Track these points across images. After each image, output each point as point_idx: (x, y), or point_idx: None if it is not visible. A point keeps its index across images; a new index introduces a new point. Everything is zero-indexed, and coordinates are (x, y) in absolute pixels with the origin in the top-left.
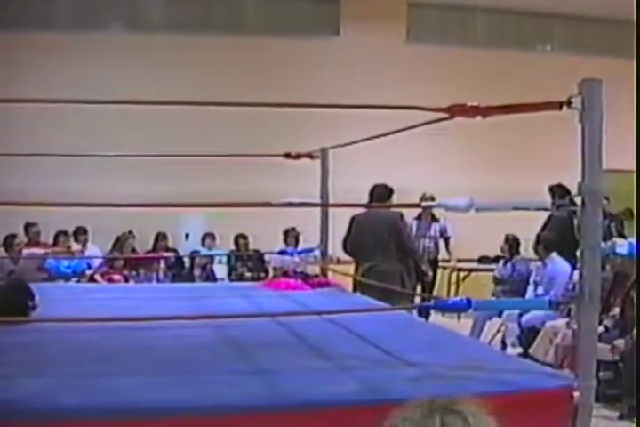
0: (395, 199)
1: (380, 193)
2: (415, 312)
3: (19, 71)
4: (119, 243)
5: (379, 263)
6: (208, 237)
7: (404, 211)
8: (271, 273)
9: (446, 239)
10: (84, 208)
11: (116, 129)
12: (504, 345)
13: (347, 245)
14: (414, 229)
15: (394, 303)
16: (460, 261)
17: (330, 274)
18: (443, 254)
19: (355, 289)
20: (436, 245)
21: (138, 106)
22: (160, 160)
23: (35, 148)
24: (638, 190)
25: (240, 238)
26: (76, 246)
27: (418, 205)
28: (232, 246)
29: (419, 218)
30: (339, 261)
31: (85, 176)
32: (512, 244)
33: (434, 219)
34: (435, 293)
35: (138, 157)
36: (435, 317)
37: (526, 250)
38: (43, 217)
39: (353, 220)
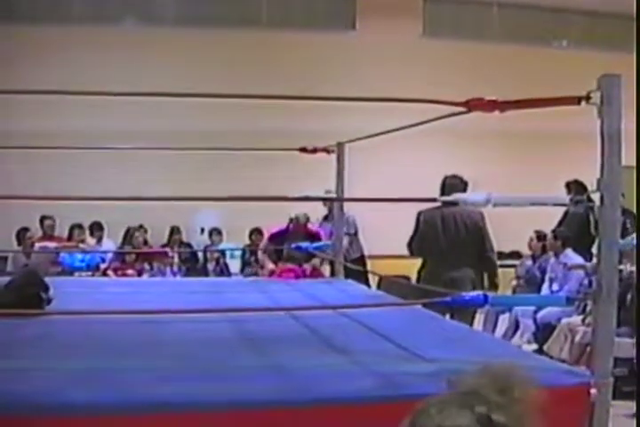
0: (408, 194)
1: (453, 185)
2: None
3: (31, 65)
4: (128, 236)
5: (450, 269)
6: (214, 233)
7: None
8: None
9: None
10: (101, 202)
11: (129, 122)
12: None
13: (413, 246)
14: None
15: (461, 317)
16: None
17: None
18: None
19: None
20: (357, 241)
21: (152, 98)
22: (174, 154)
23: (46, 141)
24: (638, 189)
25: (255, 233)
26: (90, 241)
27: (434, 200)
28: (247, 241)
29: (325, 218)
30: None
31: (99, 170)
32: (544, 242)
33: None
34: None
35: (152, 151)
36: None
37: None
38: (59, 210)
39: (420, 216)
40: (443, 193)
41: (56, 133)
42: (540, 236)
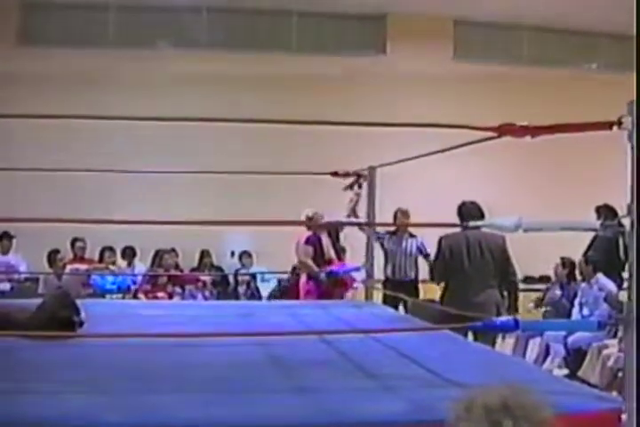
0: (434, 218)
1: (471, 211)
2: None
3: (64, 87)
4: (157, 258)
5: (476, 293)
6: (244, 256)
7: None
8: None
9: (426, 257)
10: (132, 226)
11: (161, 145)
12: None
13: (436, 274)
14: (390, 245)
15: (486, 341)
16: None
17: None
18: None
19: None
20: (415, 263)
21: (180, 123)
22: (203, 178)
23: (77, 163)
24: (638, 201)
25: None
26: (121, 263)
27: (465, 227)
28: (276, 264)
29: (394, 233)
30: None
31: (131, 193)
32: (570, 268)
33: (410, 235)
34: None
35: (182, 176)
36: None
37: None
38: (90, 233)
39: (442, 241)
40: (461, 218)
41: (87, 156)
42: (565, 262)
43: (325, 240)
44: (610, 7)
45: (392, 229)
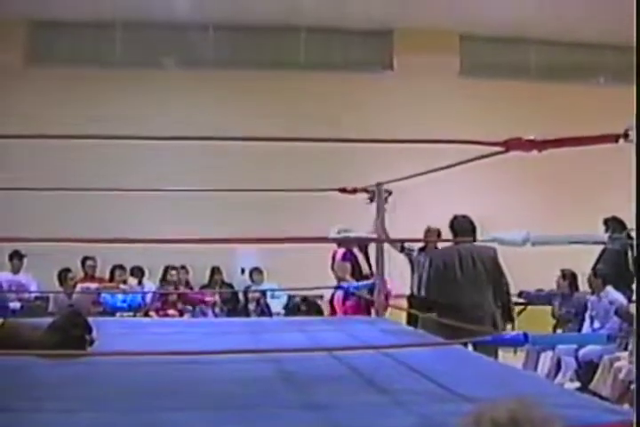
0: (443, 234)
1: (462, 224)
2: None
3: (72, 106)
4: (167, 275)
5: (472, 307)
6: (255, 272)
7: None
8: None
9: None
10: (142, 245)
11: (168, 165)
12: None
13: (431, 288)
14: (419, 258)
15: (488, 352)
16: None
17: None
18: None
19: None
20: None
21: (188, 142)
22: (212, 195)
23: (87, 183)
24: (638, 203)
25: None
26: (132, 281)
27: (473, 240)
28: (287, 280)
29: (423, 249)
30: None
31: (139, 211)
32: (571, 280)
33: None
34: None
35: (191, 193)
36: None
37: (582, 284)
38: (100, 251)
39: (432, 257)
40: (453, 232)
41: (96, 175)
42: (565, 274)
43: (360, 256)
44: (617, 19)
45: (422, 245)
